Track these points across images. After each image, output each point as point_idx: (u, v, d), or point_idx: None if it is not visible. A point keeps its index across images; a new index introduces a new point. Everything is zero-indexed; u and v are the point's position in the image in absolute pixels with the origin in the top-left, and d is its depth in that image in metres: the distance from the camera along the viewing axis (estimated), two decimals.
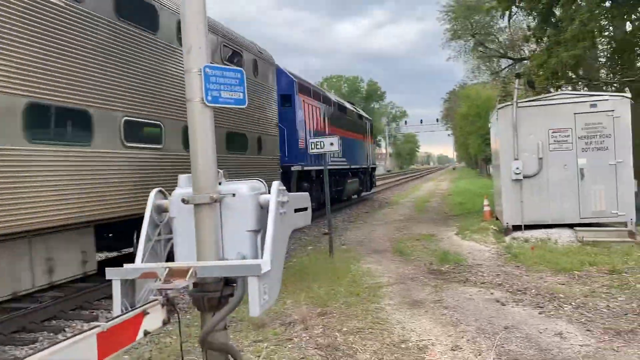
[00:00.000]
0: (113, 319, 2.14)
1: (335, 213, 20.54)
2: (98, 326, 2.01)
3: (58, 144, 6.75)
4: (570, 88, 19.10)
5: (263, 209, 2.99)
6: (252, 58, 12.62)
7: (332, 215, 11.69)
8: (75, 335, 1.93)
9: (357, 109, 28.29)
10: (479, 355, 5.03)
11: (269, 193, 3.01)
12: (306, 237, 14.49)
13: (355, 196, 26.42)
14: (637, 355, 4.87)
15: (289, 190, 3.31)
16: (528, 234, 11.13)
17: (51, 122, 6.77)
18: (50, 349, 1.75)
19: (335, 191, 20.59)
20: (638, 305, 6.40)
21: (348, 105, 25.33)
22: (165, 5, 9.01)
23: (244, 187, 2.99)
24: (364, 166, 25.92)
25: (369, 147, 27.62)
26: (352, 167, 23.19)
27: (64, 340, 1.86)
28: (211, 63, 2.89)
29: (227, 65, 10.15)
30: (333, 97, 23.05)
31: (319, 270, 9.13)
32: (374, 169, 29.98)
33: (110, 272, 2.75)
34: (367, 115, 29.65)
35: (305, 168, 16.74)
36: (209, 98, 2.81)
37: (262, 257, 2.80)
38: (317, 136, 15.92)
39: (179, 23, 7.87)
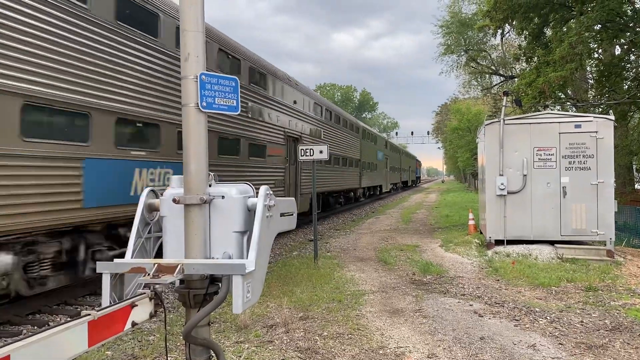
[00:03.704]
0: (103, 309, 2.26)
1: (322, 220, 20.68)
2: (89, 314, 2.13)
3: None
4: (558, 107, 19.46)
5: (250, 211, 3.12)
6: (413, 157, 72.27)
7: (318, 222, 11.84)
8: (67, 321, 2.05)
9: (411, 153, 74.69)
10: None
11: (257, 197, 3.14)
12: (292, 243, 14.59)
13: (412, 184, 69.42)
14: None
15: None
16: (510, 248, 11.33)
17: None
18: (45, 332, 1.87)
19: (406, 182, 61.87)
20: (611, 322, 6.59)
21: (415, 156, 78.29)
22: None
23: (233, 190, 3.11)
24: (417, 176, 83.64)
25: (419, 169, 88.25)
26: (417, 176, 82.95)
27: (57, 325, 1.98)
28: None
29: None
30: (415, 157, 79.26)
31: (303, 275, 9.26)
32: (419, 177, 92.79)
33: (100, 266, 2.86)
34: (416, 157, 79.56)
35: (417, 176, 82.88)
36: (204, 104, 2.94)
37: (247, 258, 2.92)
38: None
39: None
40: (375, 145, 34.41)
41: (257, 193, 3.16)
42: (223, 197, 3.07)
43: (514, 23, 17.45)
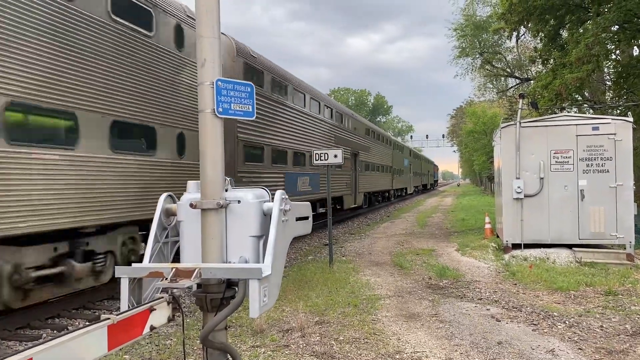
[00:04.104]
0: (122, 313, 2.28)
1: (336, 225, 20.67)
2: (108, 319, 2.15)
3: None
4: (575, 110, 19.25)
5: (266, 216, 3.13)
6: (431, 162, 79.13)
7: (333, 226, 11.89)
8: (87, 325, 2.07)
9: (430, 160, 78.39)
10: None
11: (273, 201, 3.15)
12: (307, 247, 14.60)
13: (429, 187, 74.72)
14: None
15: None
16: (527, 252, 11.22)
17: None
18: (66, 336, 1.90)
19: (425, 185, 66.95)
20: (631, 326, 6.48)
21: (432, 161, 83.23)
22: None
23: (249, 195, 3.12)
24: (435, 179, 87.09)
25: (436, 173, 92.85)
26: (435, 180, 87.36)
27: (78, 329, 2.01)
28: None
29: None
30: (433, 162, 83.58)
31: (318, 280, 9.27)
32: (437, 180, 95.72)
33: (119, 270, 2.89)
34: (434, 162, 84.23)
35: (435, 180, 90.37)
36: (220, 109, 2.96)
37: (263, 262, 2.94)
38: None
39: None
40: (402, 154, 42.29)
41: (273, 197, 3.18)
42: (239, 201, 3.09)
43: (529, 25, 17.28)
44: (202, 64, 2.94)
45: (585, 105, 20.28)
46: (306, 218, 3.72)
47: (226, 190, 3.14)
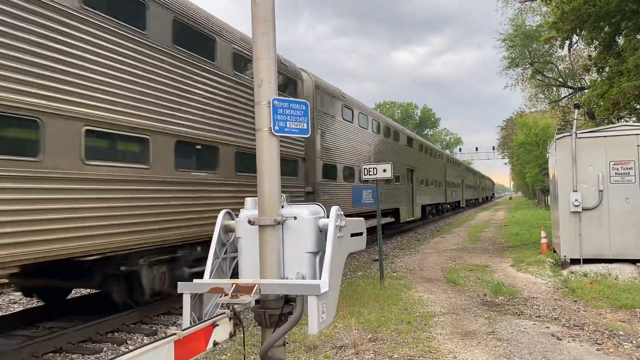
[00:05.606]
0: (187, 328, 2.34)
1: (385, 240, 20.49)
2: (175, 334, 2.22)
3: None
4: (634, 119, 18.48)
5: (322, 232, 3.15)
6: (490, 179, 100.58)
7: (382, 241, 11.79)
8: (154, 341, 2.14)
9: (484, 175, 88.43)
10: None
11: (328, 217, 3.17)
12: (356, 263, 14.53)
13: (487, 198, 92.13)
14: None
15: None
16: (587, 268, 10.78)
17: None
18: (135, 351, 1.96)
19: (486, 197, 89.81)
20: None
21: (490, 178, 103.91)
22: None
23: (305, 211, 3.15)
24: (492, 192, 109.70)
25: (493, 187, 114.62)
26: (492, 193, 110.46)
27: (146, 344, 2.07)
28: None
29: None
30: (491, 178, 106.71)
31: (369, 296, 9.19)
32: (494, 194, 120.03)
33: (181, 286, 2.97)
34: (490, 178, 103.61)
35: (493, 193, 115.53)
36: (276, 128, 3.02)
37: (320, 278, 2.95)
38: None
39: None
40: (476, 177, 65.49)
41: (328, 214, 3.19)
42: (295, 218, 3.12)
43: (582, 33, 16.80)
44: (259, 85, 3.01)
45: None
46: (360, 234, 3.71)
47: (282, 207, 3.18)
